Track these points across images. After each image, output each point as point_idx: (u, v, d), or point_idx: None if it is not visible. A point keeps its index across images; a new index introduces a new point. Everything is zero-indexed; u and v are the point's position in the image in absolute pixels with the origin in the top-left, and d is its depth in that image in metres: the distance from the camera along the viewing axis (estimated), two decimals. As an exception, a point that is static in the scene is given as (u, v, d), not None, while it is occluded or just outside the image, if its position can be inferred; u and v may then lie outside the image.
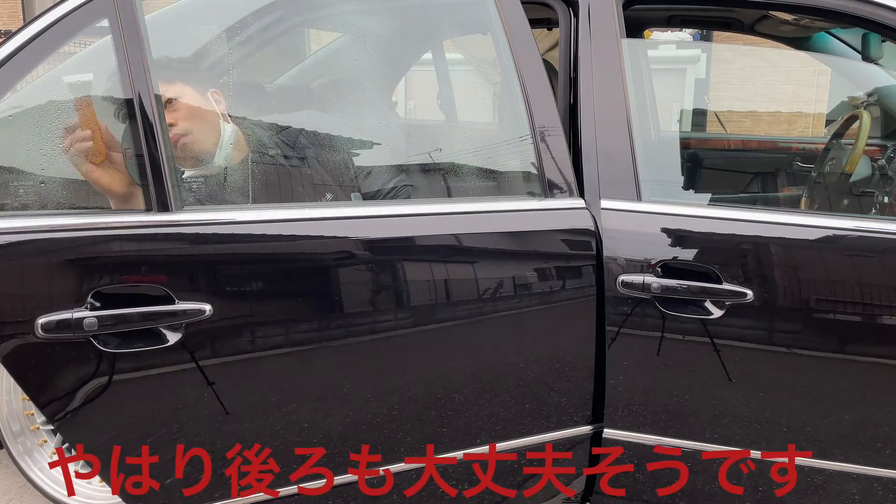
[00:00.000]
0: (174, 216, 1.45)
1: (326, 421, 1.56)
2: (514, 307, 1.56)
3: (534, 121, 1.56)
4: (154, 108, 1.44)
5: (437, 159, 1.93)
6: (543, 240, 1.57)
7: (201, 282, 1.46)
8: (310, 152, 1.80)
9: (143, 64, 1.44)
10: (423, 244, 1.55)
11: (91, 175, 1.49)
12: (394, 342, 1.55)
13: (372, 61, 2.11)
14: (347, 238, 1.52)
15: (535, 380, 1.60)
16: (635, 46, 2.66)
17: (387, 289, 1.53)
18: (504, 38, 1.58)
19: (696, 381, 1.58)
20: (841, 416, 1.56)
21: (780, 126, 6.37)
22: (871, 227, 1.55)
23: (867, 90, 2.45)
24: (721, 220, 1.55)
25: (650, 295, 1.53)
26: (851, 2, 1.59)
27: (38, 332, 1.40)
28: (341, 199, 1.77)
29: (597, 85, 1.62)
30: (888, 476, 1.57)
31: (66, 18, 1.48)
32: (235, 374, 1.51)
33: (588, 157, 1.60)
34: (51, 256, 1.43)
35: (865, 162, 2.17)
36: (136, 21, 1.45)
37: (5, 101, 1.50)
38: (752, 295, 1.50)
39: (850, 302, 1.50)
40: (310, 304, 1.51)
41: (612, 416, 1.62)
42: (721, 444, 1.60)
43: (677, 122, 5.13)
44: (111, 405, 1.49)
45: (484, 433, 1.62)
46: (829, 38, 2.56)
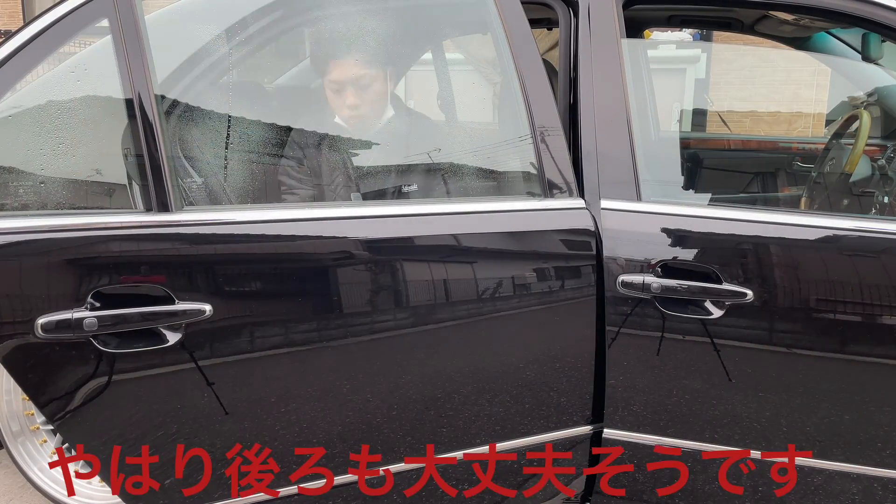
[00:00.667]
0: (174, 216, 1.45)
1: (326, 421, 1.56)
2: (514, 307, 1.56)
3: (534, 121, 1.56)
4: (154, 108, 1.44)
5: (437, 159, 1.93)
6: (543, 240, 1.57)
7: (201, 282, 1.46)
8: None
9: (143, 64, 1.44)
10: (423, 244, 1.55)
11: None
12: (394, 342, 1.55)
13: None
14: (348, 238, 1.52)
15: (535, 380, 1.60)
16: (635, 46, 2.66)
17: (387, 289, 1.53)
18: (504, 38, 1.58)
19: (696, 381, 1.58)
20: (841, 416, 1.56)
21: (780, 126, 6.37)
22: (871, 227, 1.55)
23: (867, 90, 2.44)
24: (721, 220, 1.55)
25: (650, 295, 1.53)
26: (851, 2, 1.59)
27: (38, 333, 1.40)
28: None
29: (597, 85, 1.62)
30: (888, 476, 1.57)
31: (66, 18, 1.48)
32: (235, 374, 1.51)
33: (588, 157, 1.60)
34: (51, 256, 1.44)
35: (865, 162, 2.17)
36: (136, 21, 1.45)
37: (5, 101, 1.50)
38: (751, 295, 1.50)
39: (850, 302, 1.50)
40: (311, 305, 1.51)
41: (612, 416, 1.62)
42: (721, 444, 1.60)
43: (677, 122, 5.14)
44: (111, 405, 1.49)
45: (484, 433, 1.62)
46: (829, 38, 2.56)
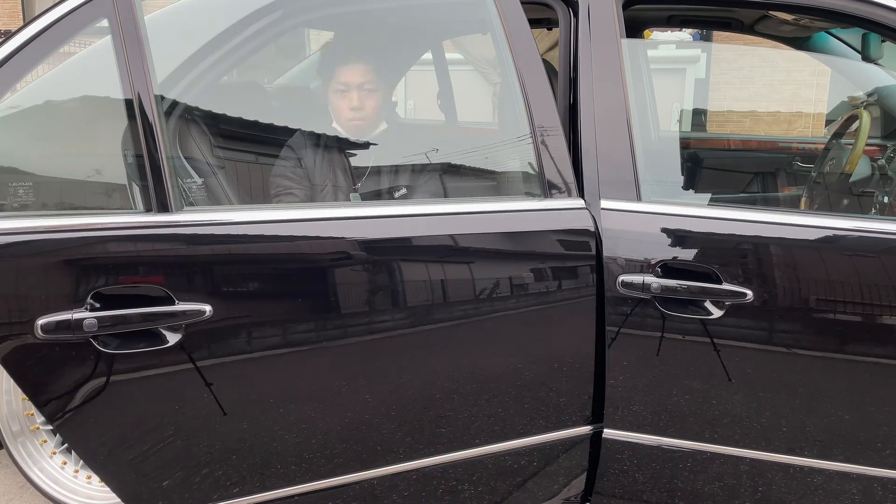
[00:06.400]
0: (174, 216, 1.45)
1: (326, 421, 1.56)
2: (514, 307, 1.56)
3: (534, 121, 1.56)
4: (154, 108, 1.44)
5: (437, 159, 1.93)
6: (543, 240, 1.57)
7: (201, 282, 1.46)
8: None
9: (143, 64, 1.44)
10: (422, 245, 1.55)
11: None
12: (394, 343, 1.55)
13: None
14: (348, 239, 1.52)
15: (535, 380, 1.60)
16: (635, 46, 2.66)
17: (387, 290, 1.53)
18: (504, 38, 1.58)
19: (696, 381, 1.57)
20: (841, 416, 1.56)
21: (780, 126, 6.37)
22: (870, 227, 1.55)
23: (867, 90, 2.44)
24: (721, 221, 1.55)
25: (650, 295, 1.53)
26: (851, 2, 1.59)
27: (38, 333, 1.40)
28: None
29: (597, 85, 1.62)
30: (888, 476, 1.57)
31: (66, 18, 1.48)
32: (235, 375, 1.50)
33: (588, 157, 1.60)
34: (51, 257, 1.43)
35: (865, 162, 2.17)
36: (136, 21, 1.45)
37: (5, 102, 1.50)
38: (751, 295, 1.50)
39: (850, 302, 1.50)
40: (311, 305, 1.51)
41: (612, 416, 1.62)
42: (721, 444, 1.60)
43: (677, 122, 5.14)
44: (111, 406, 1.49)
45: (484, 433, 1.62)
46: (829, 38, 2.56)
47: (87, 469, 2.13)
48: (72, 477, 2.12)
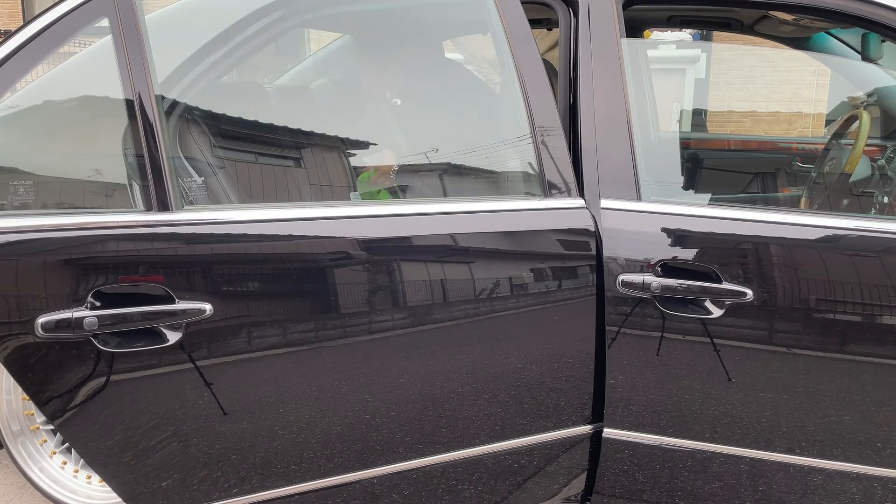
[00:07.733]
0: (174, 216, 1.45)
1: (326, 421, 1.57)
2: (513, 307, 1.56)
3: (534, 121, 1.56)
4: (154, 108, 1.45)
5: (436, 159, 1.93)
6: (543, 239, 1.57)
7: (201, 281, 1.46)
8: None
9: (143, 63, 1.44)
10: (422, 244, 1.55)
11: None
12: (394, 342, 1.55)
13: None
14: (348, 238, 1.52)
15: (534, 379, 1.60)
16: (635, 46, 2.66)
17: (387, 289, 1.53)
18: (504, 38, 1.58)
19: (696, 380, 1.58)
20: (841, 416, 1.56)
21: (780, 126, 6.38)
22: (870, 227, 1.55)
23: (867, 90, 2.45)
24: (721, 220, 1.55)
25: (650, 294, 1.53)
26: (851, 2, 1.59)
27: (38, 332, 1.40)
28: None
29: (597, 85, 1.62)
30: (888, 476, 1.57)
31: (66, 18, 1.48)
32: (235, 374, 1.51)
33: (588, 156, 1.60)
34: (51, 256, 1.44)
35: (865, 162, 2.17)
36: (136, 21, 1.45)
37: (5, 101, 1.50)
38: (751, 294, 1.50)
39: (850, 302, 1.50)
40: (311, 304, 1.51)
41: (612, 415, 1.62)
42: (721, 444, 1.60)
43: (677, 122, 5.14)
44: (111, 405, 1.49)
45: (484, 433, 1.62)
46: (829, 38, 2.56)
47: (87, 469, 2.13)
48: (72, 477, 2.12)
